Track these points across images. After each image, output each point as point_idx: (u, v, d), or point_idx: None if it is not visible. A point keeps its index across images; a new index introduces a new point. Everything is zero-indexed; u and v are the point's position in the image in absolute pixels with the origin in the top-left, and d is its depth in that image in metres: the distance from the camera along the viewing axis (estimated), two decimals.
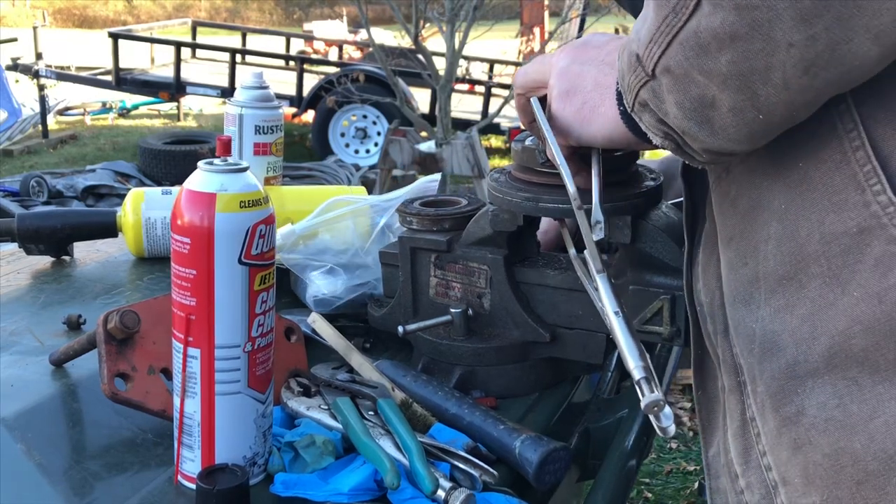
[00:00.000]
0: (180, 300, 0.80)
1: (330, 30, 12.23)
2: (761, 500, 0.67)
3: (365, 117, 7.82)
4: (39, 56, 8.42)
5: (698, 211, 0.77)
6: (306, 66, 8.32)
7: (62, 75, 8.78)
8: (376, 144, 7.57)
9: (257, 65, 8.21)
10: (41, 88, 8.39)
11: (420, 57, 6.45)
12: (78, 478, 0.83)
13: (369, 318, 1.16)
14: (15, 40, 8.63)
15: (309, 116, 8.25)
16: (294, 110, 8.11)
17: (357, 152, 7.86)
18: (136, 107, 10.34)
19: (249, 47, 9.50)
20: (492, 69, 8.84)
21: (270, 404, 0.85)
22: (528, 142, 0.95)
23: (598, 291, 0.79)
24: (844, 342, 0.59)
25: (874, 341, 0.58)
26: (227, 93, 7.75)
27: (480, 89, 8.20)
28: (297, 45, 10.54)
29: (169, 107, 10.20)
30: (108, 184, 5.98)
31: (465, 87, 8.27)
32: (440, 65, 6.27)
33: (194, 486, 0.79)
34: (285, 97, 7.73)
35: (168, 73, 8.57)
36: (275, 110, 1.39)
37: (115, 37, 8.32)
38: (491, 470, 0.85)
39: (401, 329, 1.05)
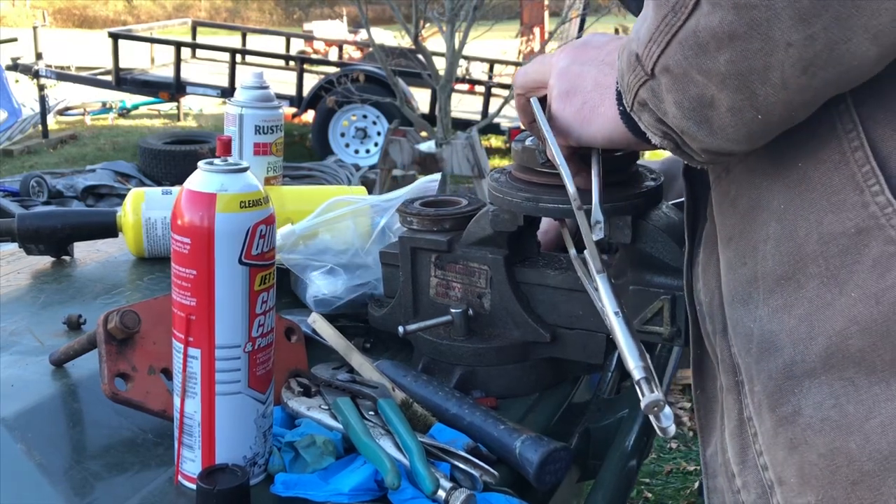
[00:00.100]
0: (181, 300, 0.80)
1: (330, 30, 12.23)
2: (757, 500, 0.67)
3: (365, 117, 7.82)
4: (39, 56, 8.42)
5: (699, 210, 0.77)
6: (306, 66, 8.32)
7: (62, 75, 8.78)
8: (376, 144, 7.57)
9: (257, 65, 8.21)
10: (41, 88, 8.39)
11: (420, 57, 6.45)
12: (78, 478, 0.83)
13: (369, 318, 1.16)
14: (15, 40, 8.62)
15: (309, 116, 8.24)
16: (294, 110, 8.11)
17: (357, 152, 7.85)
18: (136, 107, 10.34)
19: (249, 47, 9.50)
20: (492, 69, 8.84)
21: (271, 404, 0.85)
22: (528, 142, 0.95)
23: (598, 292, 0.79)
24: (841, 342, 0.59)
25: (871, 342, 0.58)
26: (227, 93, 7.75)
27: (480, 89, 8.19)
28: (297, 45, 10.53)
29: (169, 107, 10.20)
30: (108, 184, 5.98)
31: (465, 87, 8.27)
32: (440, 65, 6.27)
33: (195, 487, 0.80)
34: (285, 97, 7.73)
35: (168, 73, 8.56)
36: (275, 110, 1.40)
37: (115, 37, 8.32)
38: (491, 470, 0.85)
39: (401, 329, 1.05)
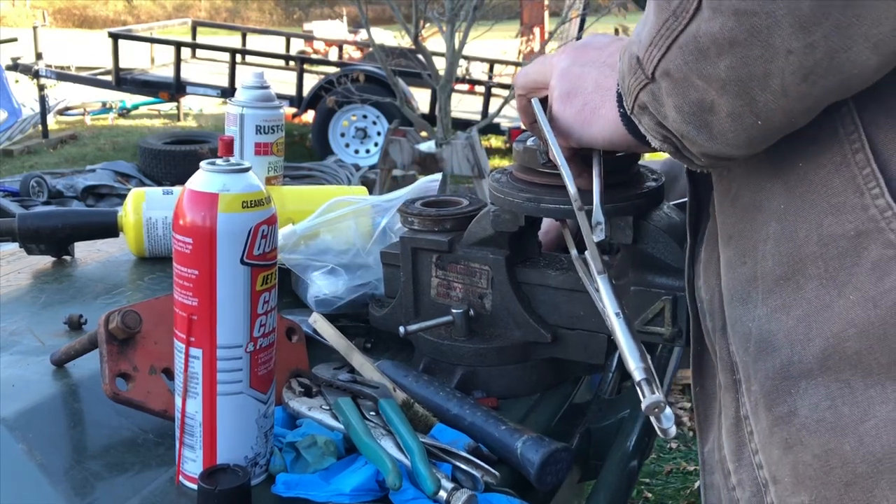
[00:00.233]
0: (182, 300, 0.80)
1: (330, 30, 12.22)
2: (752, 498, 0.67)
3: (365, 117, 7.82)
4: (39, 56, 8.41)
5: (702, 208, 0.77)
6: (306, 66, 8.31)
7: (62, 75, 8.78)
8: (376, 144, 7.56)
9: (257, 65, 8.21)
10: (41, 88, 8.38)
11: (420, 57, 6.45)
12: (79, 478, 0.83)
13: (370, 318, 1.16)
14: (15, 40, 8.62)
15: (309, 116, 8.24)
16: (294, 110, 8.10)
17: (357, 152, 7.85)
18: (136, 107, 10.34)
19: (249, 47, 9.50)
20: (492, 69, 8.84)
21: (272, 404, 0.85)
22: (529, 142, 0.95)
23: (600, 293, 0.79)
24: (838, 345, 0.59)
25: (868, 345, 0.58)
26: (227, 93, 7.75)
27: (480, 89, 8.19)
28: (297, 45, 10.53)
29: (169, 107, 10.20)
30: (108, 184, 5.98)
31: (465, 87, 8.26)
32: (440, 65, 6.27)
33: (196, 487, 0.79)
34: (285, 97, 7.72)
35: (168, 73, 8.56)
36: (276, 110, 1.40)
37: (115, 37, 8.31)
38: (492, 470, 0.85)
39: (402, 329, 1.05)
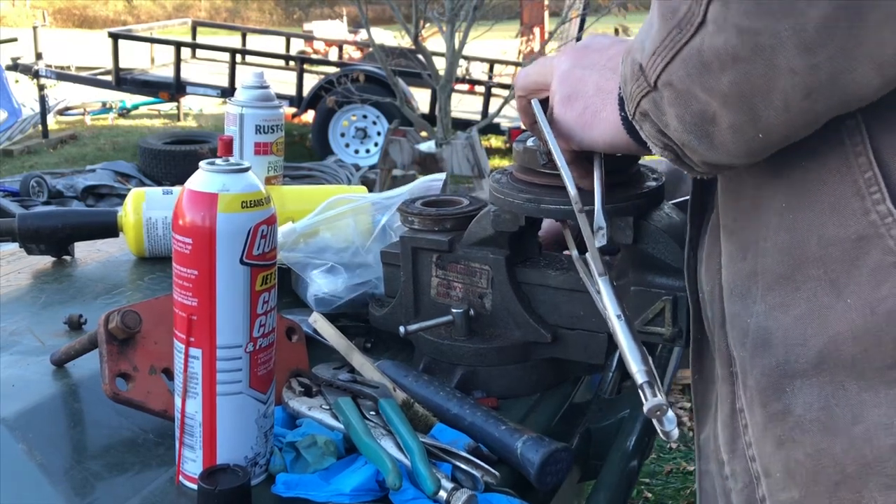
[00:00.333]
0: (182, 300, 0.80)
1: (330, 30, 12.22)
2: (744, 489, 0.68)
3: (365, 117, 7.82)
4: (39, 56, 8.41)
5: (707, 198, 0.77)
6: (306, 66, 8.31)
7: (62, 75, 8.78)
8: (376, 144, 7.57)
9: (257, 65, 8.21)
10: (41, 88, 8.38)
11: (420, 57, 6.45)
12: (79, 478, 0.83)
13: (370, 317, 1.15)
14: (15, 40, 8.62)
15: (309, 116, 8.24)
16: (294, 110, 8.10)
17: (357, 152, 7.85)
18: (136, 107, 10.34)
19: (249, 47, 9.50)
20: (492, 69, 8.84)
21: (272, 404, 0.85)
22: (529, 143, 0.95)
23: (601, 294, 0.79)
24: (835, 347, 0.59)
25: (863, 349, 0.58)
26: (227, 93, 7.75)
27: (480, 89, 8.19)
28: (297, 45, 10.53)
29: (169, 107, 10.20)
30: (108, 184, 5.99)
31: (465, 87, 8.26)
32: (440, 65, 6.28)
33: (196, 487, 0.79)
34: (285, 97, 7.72)
35: (168, 73, 8.56)
36: (275, 110, 1.40)
37: (115, 37, 8.32)
38: (492, 470, 0.85)
39: (402, 329, 1.05)
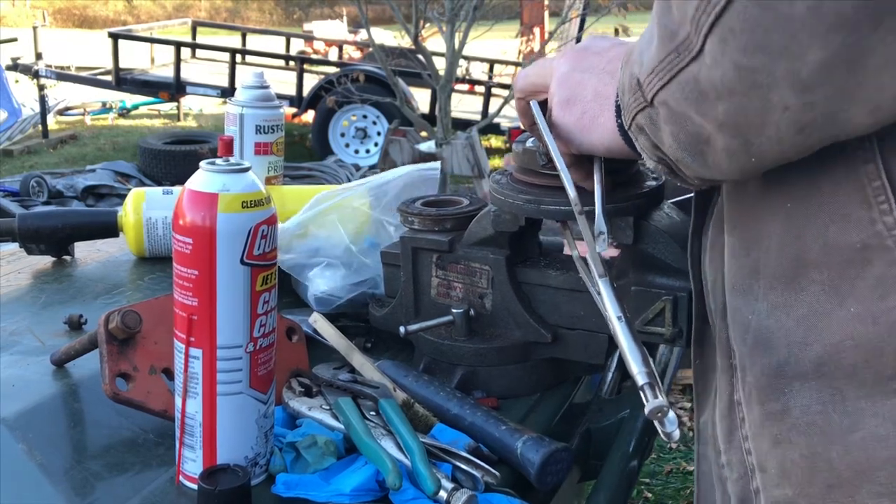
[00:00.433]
0: (182, 300, 0.80)
1: (330, 30, 12.22)
2: (739, 479, 0.68)
3: (365, 117, 7.82)
4: (39, 56, 8.41)
5: (714, 186, 0.77)
6: (306, 66, 8.31)
7: (62, 75, 8.77)
8: (376, 144, 7.56)
9: (257, 65, 8.20)
10: (41, 88, 8.38)
11: (420, 57, 6.45)
12: (79, 478, 0.83)
13: (370, 317, 1.16)
14: (15, 40, 8.62)
15: (309, 116, 8.24)
16: (294, 110, 8.10)
17: (357, 152, 7.85)
18: (136, 107, 10.34)
19: (249, 47, 9.49)
20: (492, 69, 8.84)
21: (272, 405, 0.85)
22: (528, 143, 0.95)
23: (601, 296, 0.79)
24: (835, 354, 0.59)
25: (863, 358, 0.58)
26: (227, 93, 7.75)
27: (480, 89, 8.19)
28: (297, 45, 10.52)
29: (169, 107, 10.19)
30: (108, 184, 5.98)
31: (465, 87, 8.26)
32: (440, 65, 6.27)
33: (196, 487, 0.79)
34: (285, 97, 7.72)
35: (168, 73, 8.56)
36: (275, 110, 1.40)
37: (115, 37, 8.31)
38: (493, 471, 0.85)
39: (402, 329, 1.05)
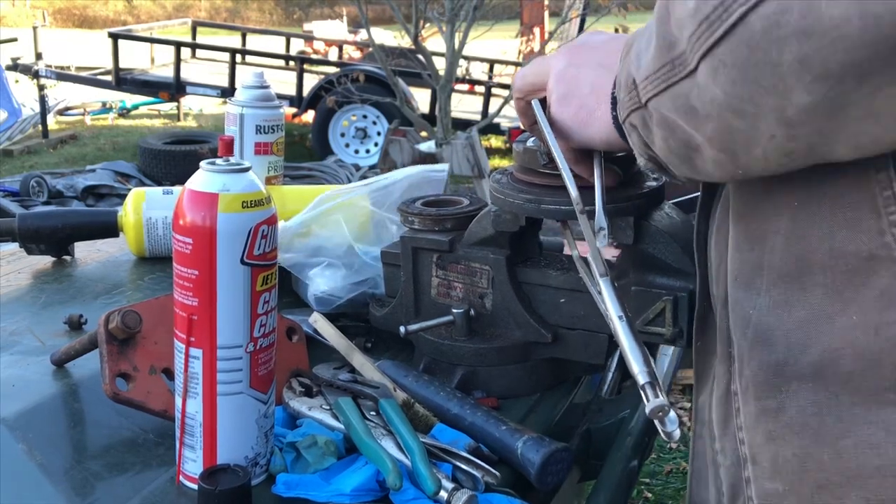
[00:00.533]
0: (182, 300, 0.80)
1: (330, 30, 12.22)
2: (732, 466, 0.68)
3: (365, 117, 7.82)
4: (39, 56, 8.41)
5: None
6: (306, 66, 8.31)
7: (62, 75, 8.78)
8: (376, 144, 7.57)
9: (257, 65, 8.20)
10: (41, 88, 8.38)
11: (420, 57, 6.45)
12: (79, 478, 0.83)
13: (371, 317, 1.15)
14: (15, 40, 8.62)
15: (309, 116, 8.24)
16: (294, 110, 8.10)
17: (357, 152, 7.85)
18: (136, 107, 10.34)
19: (249, 47, 9.49)
20: (492, 69, 8.84)
21: (272, 404, 0.85)
22: (529, 143, 0.95)
23: (602, 295, 0.79)
24: (834, 359, 0.59)
25: (862, 367, 0.58)
26: (227, 93, 7.75)
27: (480, 89, 8.19)
28: (297, 45, 10.53)
29: (169, 107, 10.20)
30: (108, 184, 5.99)
31: (465, 87, 8.26)
32: (440, 65, 6.28)
33: (196, 487, 0.79)
34: (285, 97, 7.72)
35: (168, 73, 8.56)
36: (276, 110, 1.40)
37: (115, 37, 8.31)
38: (493, 471, 0.85)
39: (402, 329, 1.05)
